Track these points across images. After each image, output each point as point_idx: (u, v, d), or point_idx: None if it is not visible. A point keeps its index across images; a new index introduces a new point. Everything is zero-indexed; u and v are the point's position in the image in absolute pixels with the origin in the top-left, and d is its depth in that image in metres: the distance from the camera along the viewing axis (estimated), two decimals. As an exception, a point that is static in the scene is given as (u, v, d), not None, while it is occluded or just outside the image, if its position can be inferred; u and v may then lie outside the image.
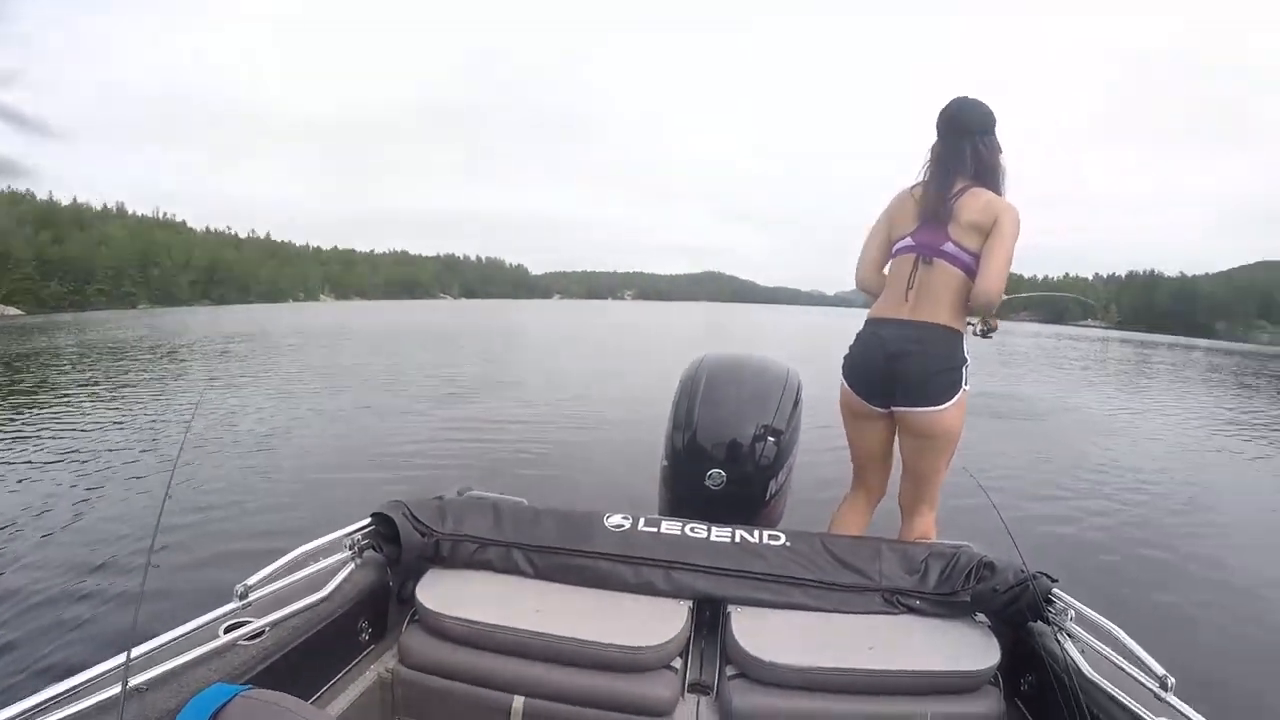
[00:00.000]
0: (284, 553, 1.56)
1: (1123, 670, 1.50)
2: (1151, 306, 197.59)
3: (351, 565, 1.68)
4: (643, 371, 13.98)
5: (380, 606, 1.76)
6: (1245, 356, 48.12)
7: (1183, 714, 1.36)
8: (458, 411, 8.62)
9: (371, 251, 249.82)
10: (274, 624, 1.42)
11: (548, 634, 1.56)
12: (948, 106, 2.48)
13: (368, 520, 1.81)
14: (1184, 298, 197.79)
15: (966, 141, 2.44)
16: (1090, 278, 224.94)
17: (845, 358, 2.56)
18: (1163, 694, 1.40)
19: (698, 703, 1.62)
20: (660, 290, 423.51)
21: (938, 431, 2.38)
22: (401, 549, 1.77)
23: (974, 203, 2.37)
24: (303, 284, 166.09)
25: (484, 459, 6.19)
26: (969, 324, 2.52)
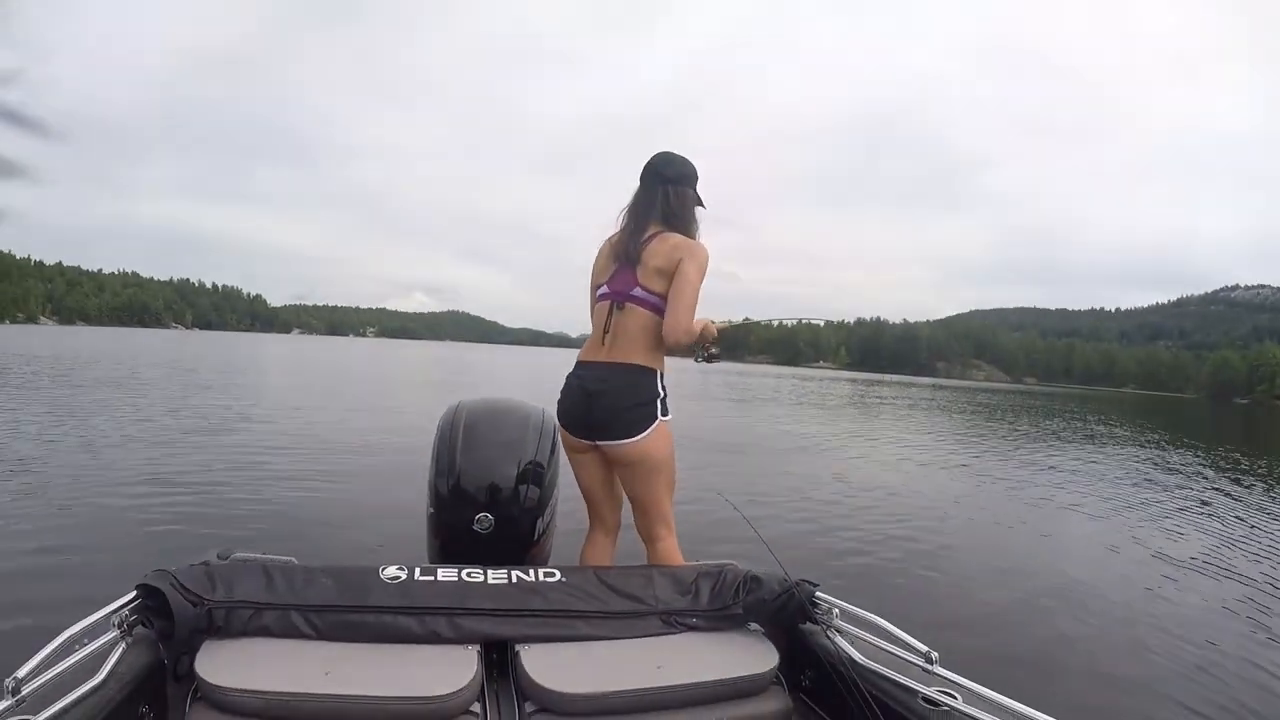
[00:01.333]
0: (47, 635, 1.43)
1: (890, 653, 1.70)
2: (878, 349, 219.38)
3: (123, 645, 1.53)
4: (397, 416, 13.53)
5: (159, 687, 1.63)
6: (960, 391, 55.59)
7: (950, 680, 1.56)
8: (205, 463, 7.60)
9: (99, 271, 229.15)
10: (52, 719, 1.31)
11: (342, 695, 1.51)
12: (650, 158, 2.65)
13: (133, 593, 1.67)
14: (907, 341, 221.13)
15: (659, 190, 2.59)
16: (822, 324, 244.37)
17: (558, 400, 2.67)
18: (930, 667, 1.60)
19: None
20: (403, 328, 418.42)
21: (640, 460, 2.51)
22: (174, 622, 1.64)
23: (661, 247, 2.51)
24: (21, 302, 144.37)
25: (239, 516, 5.46)
26: (696, 354, 2.78)
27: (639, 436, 2.48)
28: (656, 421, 2.51)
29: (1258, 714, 3.39)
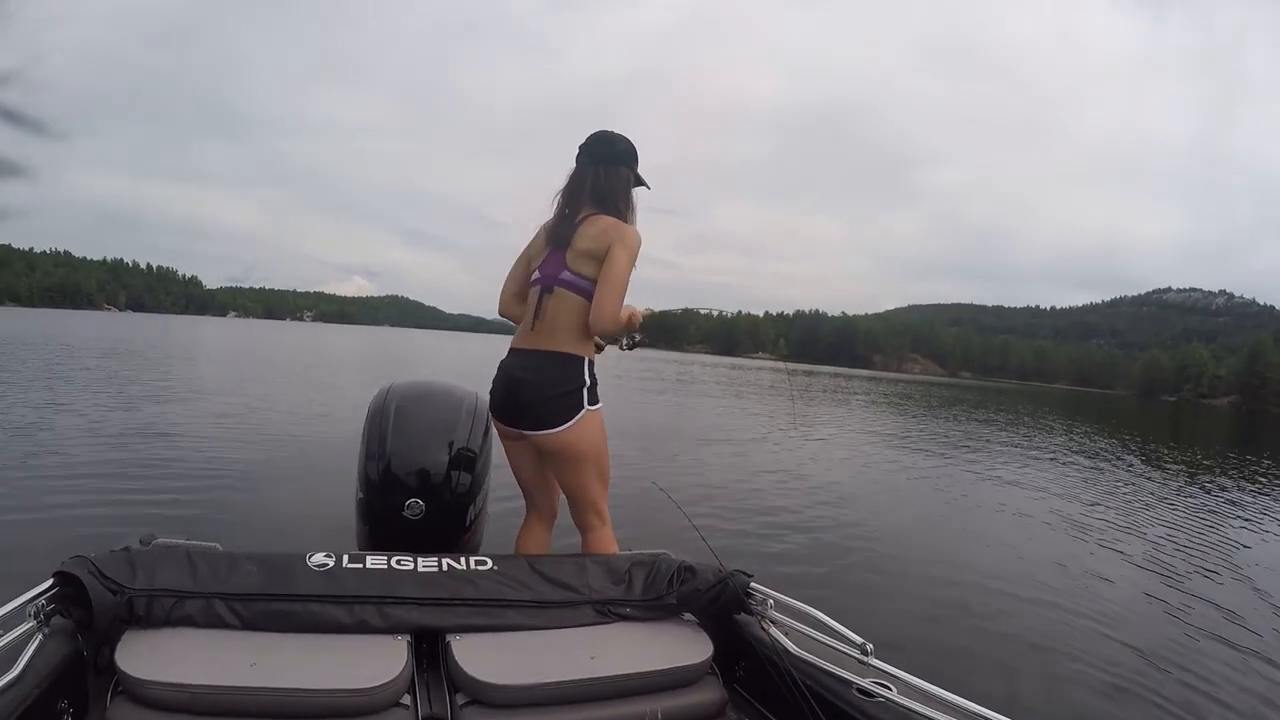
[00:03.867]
0: None
1: (825, 644, 1.73)
2: (816, 341, 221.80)
3: (40, 636, 1.48)
4: (327, 400, 13.44)
5: (79, 680, 1.58)
6: (895, 384, 56.28)
7: (884, 671, 1.60)
8: (126, 444, 7.66)
9: (30, 250, 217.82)
10: None
11: (268, 688, 1.48)
12: (586, 138, 2.62)
13: (50, 581, 1.62)
14: (845, 333, 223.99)
15: (591, 170, 2.56)
16: (761, 315, 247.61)
17: (490, 387, 2.64)
18: (865, 658, 1.62)
19: None
20: (342, 312, 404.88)
21: (565, 450, 2.48)
22: (93, 611, 1.59)
23: (590, 230, 2.47)
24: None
25: (161, 500, 5.48)
26: (620, 341, 2.72)
27: (563, 426, 2.44)
28: (583, 411, 2.47)
29: (1179, 700, 3.58)
